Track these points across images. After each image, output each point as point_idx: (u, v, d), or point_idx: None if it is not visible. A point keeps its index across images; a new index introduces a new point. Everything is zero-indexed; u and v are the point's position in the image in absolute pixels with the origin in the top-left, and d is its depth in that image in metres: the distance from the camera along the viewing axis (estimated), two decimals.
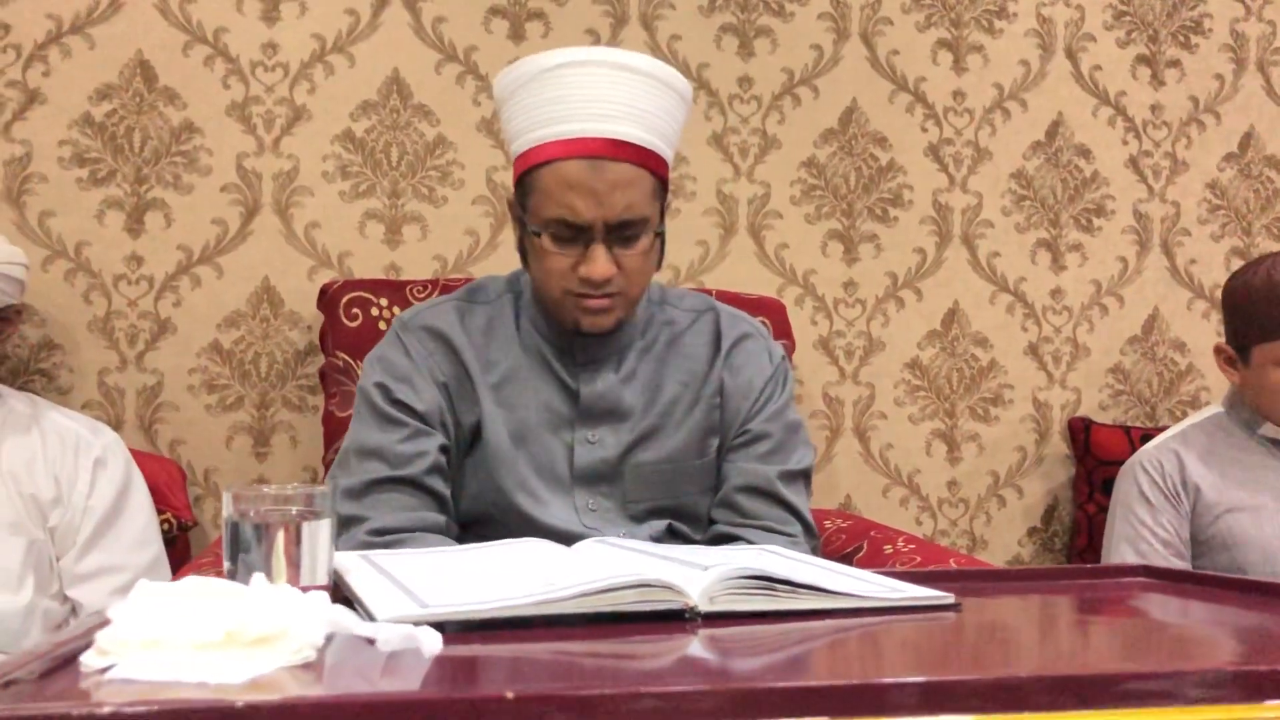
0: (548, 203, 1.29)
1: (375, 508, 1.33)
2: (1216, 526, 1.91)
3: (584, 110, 1.28)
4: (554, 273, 1.33)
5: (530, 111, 1.31)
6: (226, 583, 0.69)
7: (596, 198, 1.27)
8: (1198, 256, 2.48)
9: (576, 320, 1.35)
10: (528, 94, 1.32)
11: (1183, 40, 2.47)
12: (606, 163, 1.28)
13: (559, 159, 1.28)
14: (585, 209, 1.28)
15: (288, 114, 2.11)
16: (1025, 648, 0.91)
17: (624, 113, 1.29)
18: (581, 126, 1.28)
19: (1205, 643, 0.94)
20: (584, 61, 1.30)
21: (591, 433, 1.40)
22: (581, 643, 0.82)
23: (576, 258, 1.30)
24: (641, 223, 1.31)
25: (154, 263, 2.06)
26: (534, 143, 1.31)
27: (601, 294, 1.32)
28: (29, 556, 1.71)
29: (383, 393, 1.37)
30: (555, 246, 1.31)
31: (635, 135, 1.29)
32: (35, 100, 2.02)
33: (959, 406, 2.37)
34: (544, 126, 1.30)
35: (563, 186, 1.28)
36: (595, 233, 1.29)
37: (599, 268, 1.29)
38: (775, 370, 1.48)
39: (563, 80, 1.29)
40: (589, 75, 1.29)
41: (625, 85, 1.29)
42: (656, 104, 1.31)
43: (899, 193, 2.34)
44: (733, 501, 1.43)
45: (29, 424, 1.79)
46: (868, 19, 2.32)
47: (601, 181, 1.27)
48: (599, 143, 1.27)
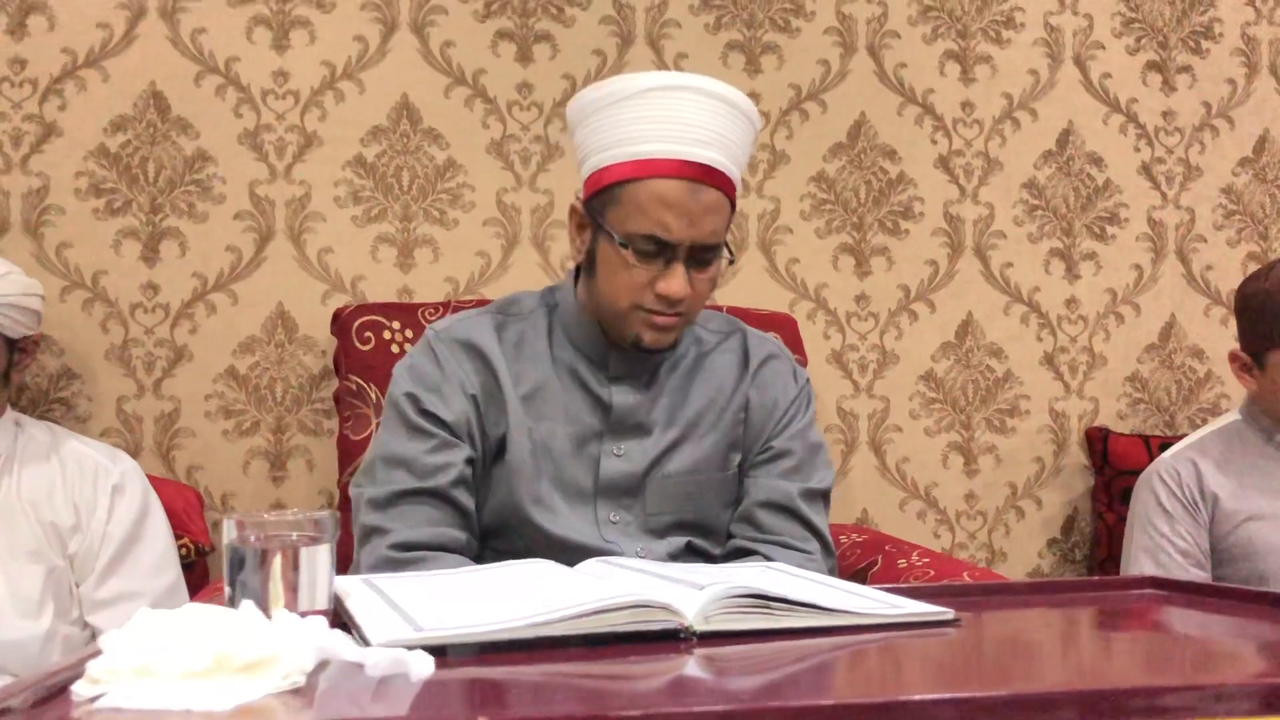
0: (639, 217, 1.31)
1: (399, 519, 1.33)
2: (1236, 535, 1.89)
3: (685, 133, 1.31)
4: (629, 286, 1.34)
5: (623, 127, 1.33)
6: (219, 609, 0.70)
7: (690, 219, 1.30)
8: (1214, 262, 2.46)
9: (639, 335, 1.37)
10: (622, 110, 1.34)
11: (1193, 45, 2.45)
12: (702, 186, 1.31)
13: (655, 176, 1.31)
14: (678, 228, 1.30)
15: (299, 141, 2.13)
16: (1025, 663, 0.91)
17: (716, 140, 1.32)
18: (678, 149, 1.31)
19: (1221, 655, 0.93)
20: (681, 86, 1.33)
21: (618, 445, 1.42)
22: (576, 664, 0.82)
23: (654, 273, 1.33)
24: (719, 248, 1.36)
25: (170, 291, 2.09)
26: (626, 157, 1.33)
27: (672, 312, 1.34)
28: (49, 583, 1.73)
29: (412, 402, 1.38)
30: (638, 260, 1.33)
31: (723, 163, 1.33)
32: (52, 133, 2.05)
33: (975, 418, 2.36)
34: (638, 143, 1.32)
35: (657, 203, 1.30)
36: (680, 252, 1.32)
37: (678, 286, 1.32)
38: (800, 391, 1.51)
39: (658, 102, 1.32)
40: (689, 100, 1.32)
41: (718, 114, 1.33)
42: (739, 134, 1.36)
43: (910, 205, 2.34)
44: (752, 516, 1.44)
45: (48, 452, 1.81)
46: (874, 32, 2.33)
47: (696, 204, 1.31)
48: (696, 167, 1.31)
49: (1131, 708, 0.70)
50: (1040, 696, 0.71)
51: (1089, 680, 0.81)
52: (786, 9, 2.30)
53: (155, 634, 0.67)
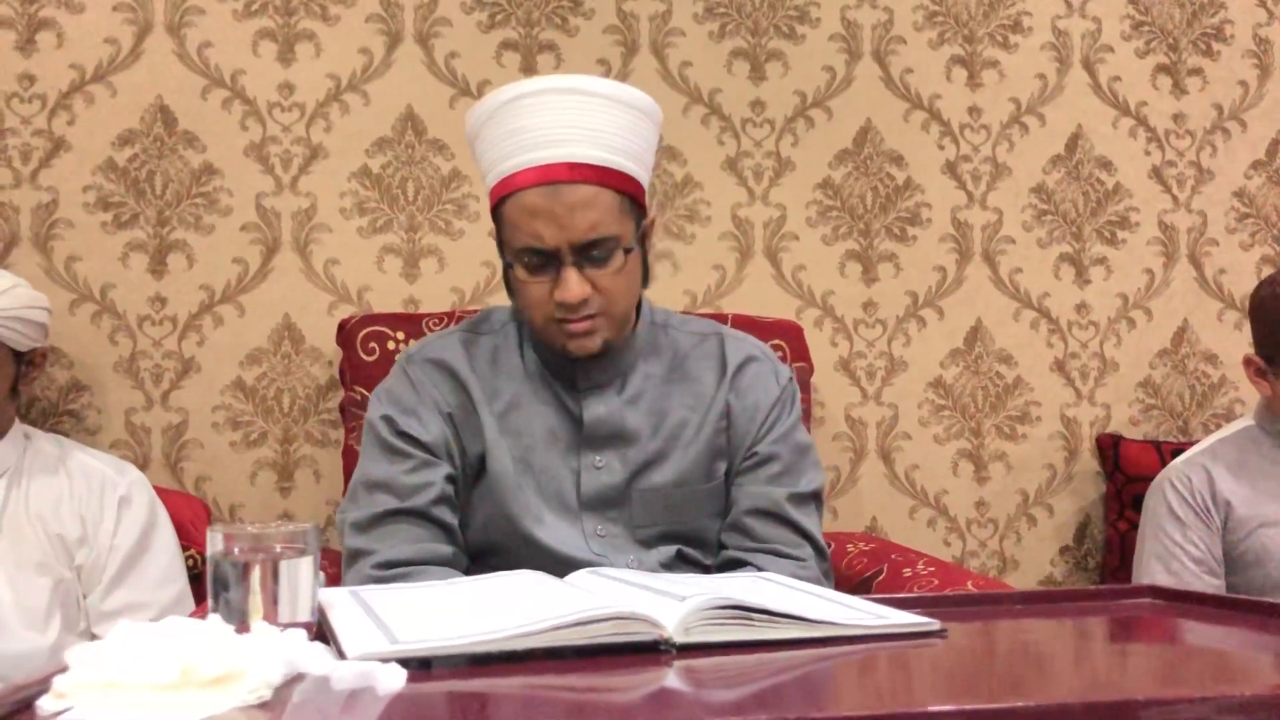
0: (516, 233, 1.32)
1: (383, 540, 1.34)
2: (1249, 542, 1.87)
3: (538, 138, 1.30)
4: (533, 301, 1.34)
5: (492, 147, 1.34)
6: (189, 622, 0.70)
7: (558, 222, 1.29)
8: (1227, 266, 2.44)
9: (564, 346, 1.35)
10: (489, 130, 1.34)
11: (1204, 48, 2.43)
12: (563, 186, 1.29)
13: (520, 189, 1.30)
14: (548, 234, 1.29)
15: (305, 153, 2.14)
16: (1011, 676, 0.89)
17: (577, 135, 1.30)
18: (537, 155, 1.30)
19: (1226, 665, 0.91)
20: (533, 91, 1.32)
21: (598, 457, 1.40)
22: (555, 676, 0.82)
23: (551, 284, 1.32)
24: (609, 241, 1.32)
25: (177, 303, 2.10)
26: (498, 177, 1.33)
27: (581, 316, 1.32)
28: (55, 595, 1.74)
29: (388, 425, 1.38)
30: (528, 275, 1.33)
31: (591, 155, 1.30)
32: (60, 148, 2.07)
33: (985, 425, 2.34)
34: (505, 159, 1.32)
35: (526, 215, 1.30)
36: (563, 256, 1.30)
37: (571, 290, 1.30)
38: (782, 392, 1.47)
39: (516, 112, 1.31)
40: (540, 103, 1.31)
41: (576, 108, 1.31)
42: (612, 123, 1.32)
43: (917, 211, 2.33)
44: (742, 525, 1.42)
45: (56, 465, 1.83)
46: (879, 38, 2.32)
47: (560, 205, 1.29)
48: (556, 167, 1.29)
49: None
50: (1024, 711, 0.70)
51: (1084, 693, 0.80)
52: (791, 16, 2.29)
53: (123, 648, 0.67)
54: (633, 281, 1.37)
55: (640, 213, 1.37)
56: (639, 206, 1.37)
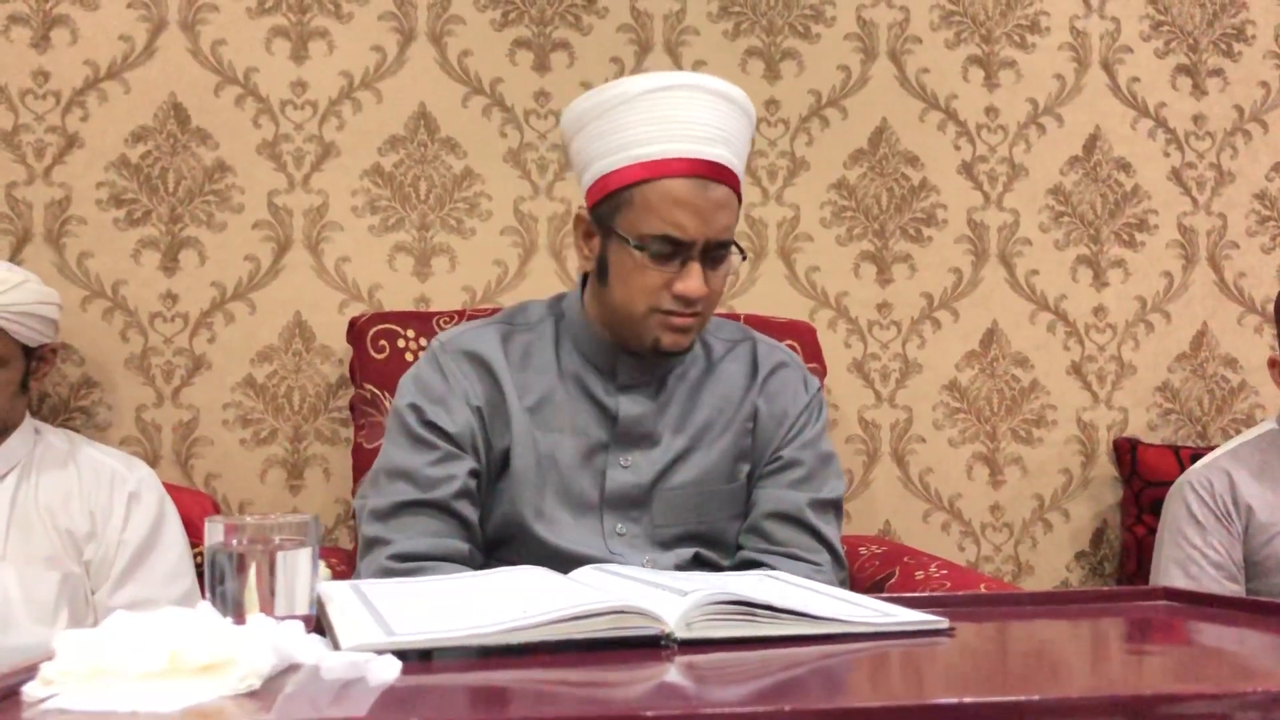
0: (651, 218, 1.30)
1: (400, 530, 1.33)
2: (1270, 548, 1.84)
3: (690, 131, 1.31)
4: (645, 289, 1.33)
5: (625, 130, 1.33)
6: (179, 611, 0.69)
7: (703, 216, 1.29)
8: (1247, 269, 2.41)
9: (657, 338, 1.35)
10: (622, 114, 1.33)
11: (1224, 48, 2.40)
12: (711, 183, 1.30)
13: (664, 176, 1.30)
14: (692, 226, 1.29)
15: (317, 151, 2.14)
16: (1019, 672, 0.87)
17: (721, 137, 1.32)
18: (684, 147, 1.30)
19: (1242, 665, 0.89)
20: (679, 85, 1.33)
21: (625, 456, 1.40)
22: (554, 670, 0.80)
23: (670, 274, 1.32)
24: (730, 245, 1.35)
25: (189, 300, 2.10)
26: (632, 160, 1.32)
27: (690, 312, 1.33)
28: (64, 590, 1.74)
29: (415, 414, 1.37)
30: (653, 262, 1.32)
31: (729, 160, 1.33)
32: (74, 144, 2.07)
33: (1000, 428, 2.32)
34: (643, 145, 1.31)
35: (670, 203, 1.29)
36: (695, 250, 1.31)
37: (696, 285, 1.31)
38: (811, 400, 1.48)
39: (659, 102, 1.32)
40: (690, 98, 1.32)
41: (719, 110, 1.33)
42: (741, 130, 1.36)
43: (932, 212, 2.31)
44: (761, 528, 1.42)
45: (65, 460, 1.82)
46: (896, 37, 2.30)
47: (707, 201, 1.30)
48: (704, 164, 1.30)
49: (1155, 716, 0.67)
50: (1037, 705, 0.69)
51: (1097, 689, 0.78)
52: (806, 15, 2.28)
53: (112, 636, 0.66)
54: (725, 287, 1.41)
55: None
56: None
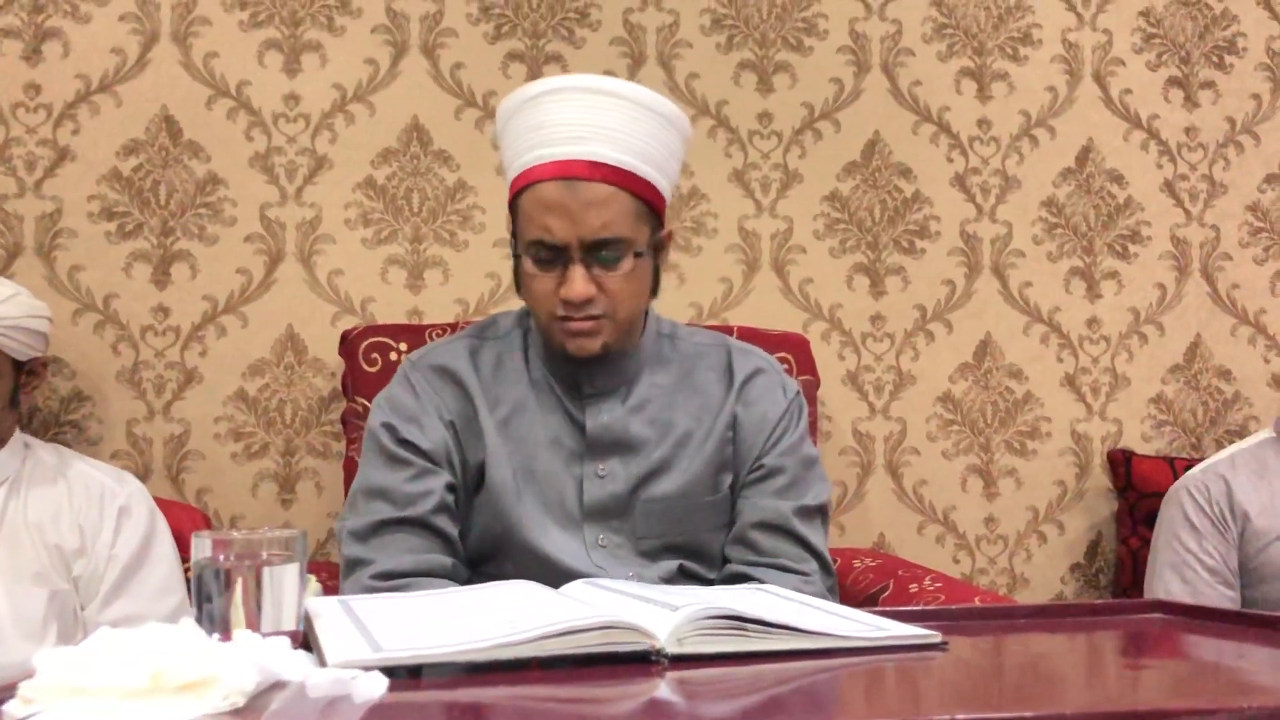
0: (528, 225, 1.31)
1: (381, 550, 1.32)
2: (1265, 555, 1.83)
3: (559, 134, 1.30)
4: (539, 296, 1.33)
5: (515, 140, 1.34)
6: (163, 628, 0.68)
7: (570, 217, 1.28)
8: (1240, 281, 2.41)
9: (563, 344, 1.35)
10: (514, 123, 1.35)
11: (1216, 61, 2.41)
12: (580, 183, 1.29)
13: (537, 181, 1.30)
14: (560, 229, 1.29)
15: (310, 163, 2.13)
16: (1014, 687, 0.87)
17: (598, 134, 1.30)
18: (557, 150, 1.30)
19: (1238, 680, 0.89)
20: (560, 89, 1.32)
21: (601, 466, 1.39)
22: (544, 687, 0.80)
23: (558, 279, 1.31)
24: (621, 243, 1.31)
25: (180, 313, 2.09)
26: (518, 169, 1.33)
27: (584, 316, 1.32)
28: (52, 606, 1.72)
29: (389, 432, 1.37)
30: (536, 269, 1.32)
31: (610, 156, 1.30)
32: (65, 157, 2.07)
33: (994, 440, 2.32)
34: (526, 153, 1.32)
35: (540, 207, 1.30)
36: (572, 252, 1.30)
37: (576, 288, 1.29)
38: (789, 405, 1.46)
39: (541, 107, 1.32)
40: (564, 100, 1.31)
41: (600, 109, 1.30)
42: (635, 127, 1.32)
43: (925, 224, 2.31)
44: (747, 538, 1.40)
45: (55, 475, 1.81)
46: (888, 50, 2.30)
47: (575, 201, 1.28)
48: (575, 164, 1.29)
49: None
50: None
51: (1091, 705, 0.77)
52: (799, 28, 2.28)
53: (94, 653, 0.65)
54: (640, 288, 1.36)
55: (657, 220, 1.37)
56: (656, 214, 1.36)
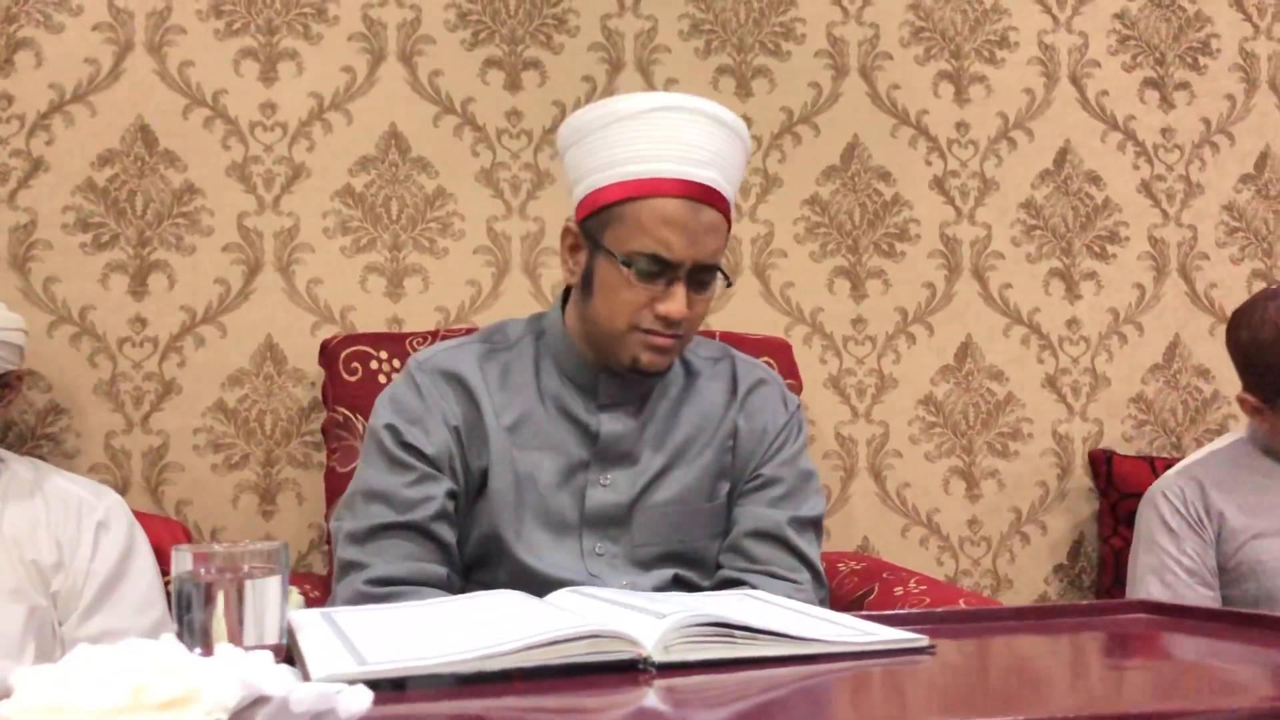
0: (640, 236, 1.30)
1: (378, 554, 1.31)
2: (1242, 554, 1.84)
3: (685, 153, 1.31)
4: (629, 306, 1.32)
5: (621, 147, 1.33)
6: (143, 643, 0.67)
7: (691, 238, 1.30)
8: (1218, 280, 2.42)
9: (636, 356, 1.34)
10: (620, 130, 1.33)
11: (1190, 62, 2.43)
12: (702, 206, 1.31)
13: (656, 195, 1.30)
14: (679, 247, 1.30)
15: (287, 172, 2.12)
16: (1003, 690, 0.87)
17: (714, 160, 1.32)
18: (678, 169, 1.30)
19: (1224, 679, 0.89)
20: (677, 107, 1.33)
21: (605, 475, 1.39)
22: (530, 697, 0.79)
23: (654, 294, 1.32)
24: (717, 270, 1.35)
25: (158, 324, 2.07)
26: (626, 176, 1.32)
27: (671, 333, 1.33)
28: (30, 623, 1.70)
29: (392, 434, 1.35)
30: (639, 280, 1.31)
31: (721, 184, 1.33)
32: (39, 168, 2.05)
33: (976, 442, 2.32)
34: (638, 163, 1.31)
35: (660, 222, 1.30)
36: (681, 271, 1.31)
37: (679, 306, 1.31)
38: (790, 418, 1.48)
39: (663, 122, 1.32)
40: (687, 120, 1.32)
41: (715, 135, 1.33)
42: (735, 156, 1.36)
43: (905, 227, 2.31)
44: (741, 546, 1.41)
45: (31, 489, 1.79)
46: (866, 54, 2.31)
47: (698, 223, 1.30)
48: (697, 186, 1.30)
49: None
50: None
51: (1078, 708, 0.77)
52: (777, 32, 2.28)
53: (73, 671, 0.64)
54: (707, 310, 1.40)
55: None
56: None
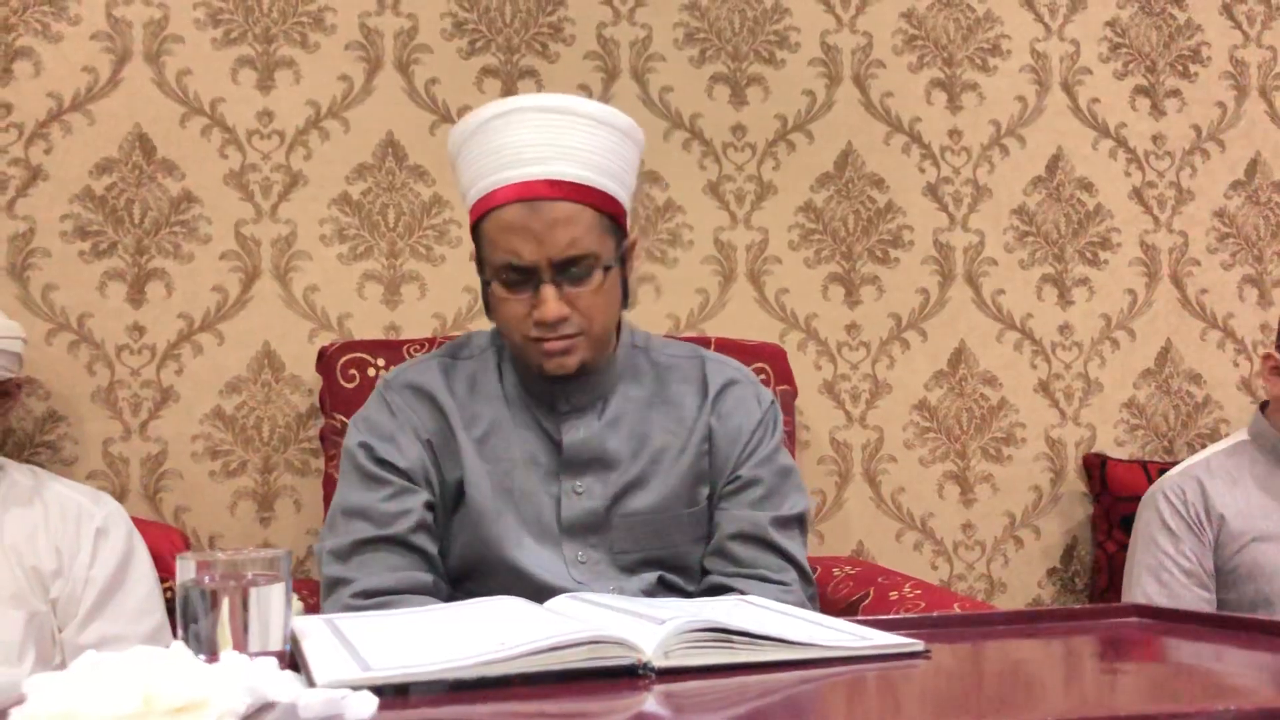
0: (494, 249, 1.31)
1: (362, 568, 1.32)
2: (1241, 556, 1.86)
3: (518, 155, 1.30)
4: (511, 319, 1.33)
5: (472, 165, 1.34)
6: (152, 650, 0.68)
7: (536, 238, 1.28)
8: (1209, 286, 2.44)
9: (540, 365, 1.34)
10: (469, 148, 1.34)
11: (1181, 69, 2.45)
12: (543, 203, 1.29)
13: (498, 205, 1.30)
14: (527, 250, 1.29)
15: (284, 180, 2.13)
16: (998, 694, 0.88)
17: (556, 153, 1.30)
18: (517, 172, 1.30)
19: (1219, 682, 0.90)
20: (513, 109, 1.32)
21: (578, 482, 1.39)
22: (531, 703, 0.80)
23: (529, 302, 1.31)
24: (589, 259, 1.31)
25: (156, 332, 2.08)
26: (478, 194, 1.33)
27: (558, 335, 1.32)
28: (30, 629, 1.71)
29: (366, 452, 1.37)
30: (507, 292, 1.32)
31: (570, 173, 1.30)
32: (38, 177, 2.06)
33: (970, 447, 2.34)
34: (484, 177, 1.32)
35: (504, 231, 1.30)
36: (542, 273, 1.30)
37: (549, 308, 1.30)
38: (764, 415, 1.46)
39: (496, 130, 1.32)
40: (520, 121, 1.31)
41: (555, 127, 1.31)
42: (592, 142, 1.32)
43: (899, 234, 2.33)
44: (726, 550, 1.40)
45: (31, 496, 1.80)
46: (859, 62, 2.33)
47: (539, 221, 1.29)
48: (536, 184, 1.29)
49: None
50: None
51: (1071, 711, 0.78)
52: (771, 41, 2.30)
53: (84, 677, 0.65)
54: (612, 301, 1.36)
55: (621, 233, 1.37)
56: (619, 226, 1.36)
